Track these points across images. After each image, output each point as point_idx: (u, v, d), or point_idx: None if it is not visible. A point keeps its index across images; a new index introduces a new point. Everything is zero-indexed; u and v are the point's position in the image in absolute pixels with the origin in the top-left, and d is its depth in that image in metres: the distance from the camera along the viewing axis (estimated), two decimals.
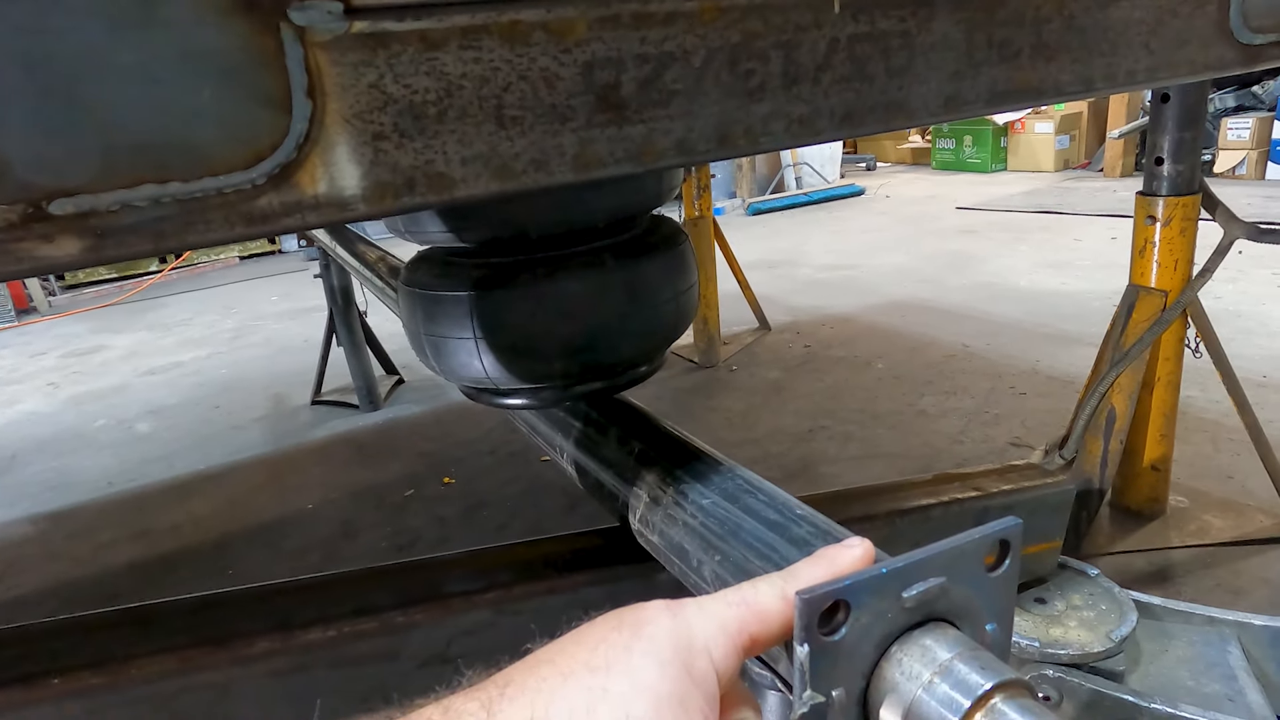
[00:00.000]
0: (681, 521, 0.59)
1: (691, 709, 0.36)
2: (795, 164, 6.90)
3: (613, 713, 0.34)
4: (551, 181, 0.58)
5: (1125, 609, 0.95)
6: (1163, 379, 1.59)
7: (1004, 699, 0.41)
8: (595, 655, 0.36)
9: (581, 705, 0.34)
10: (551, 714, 0.34)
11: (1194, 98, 1.42)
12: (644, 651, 0.36)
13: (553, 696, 0.34)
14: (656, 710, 0.34)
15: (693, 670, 0.37)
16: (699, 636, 0.38)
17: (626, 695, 0.34)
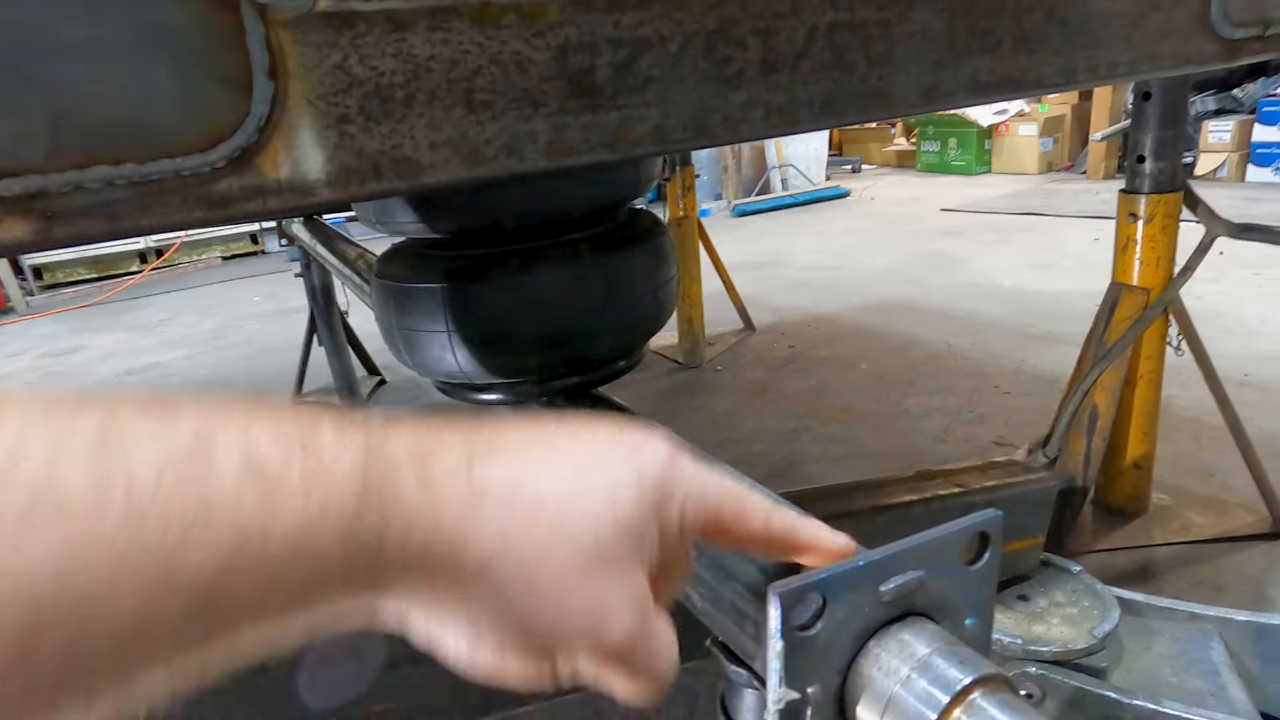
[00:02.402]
0: None
1: (644, 546, 0.34)
2: (781, 166, 6.91)
3: (582, 518, 0.32)
4: (523, 168, 0.57)
5: (1108, 605, 0.94)
6: (1145, 377, 1.59)
7: (983, 694, 0.40)
8: (588, 455, 0.34)
9: (556, 494, 0.32)
10: (527, 486, 0.31)
11: (1175, 96, 1.42)
12: (633, 472, 0.34)
13: (536, 474, 0.32)
14: (616, 532, 0.33)
15: (662, 513, 0.35)
16: (682, 487, 0.36)
17: (600, 505, 0.33)
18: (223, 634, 0.25)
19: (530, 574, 0.31)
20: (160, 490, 0.23)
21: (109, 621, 0.21)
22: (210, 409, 0.26)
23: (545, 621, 0.32)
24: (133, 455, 0.22)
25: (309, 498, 0.26)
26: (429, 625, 0.31)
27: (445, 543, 0.29)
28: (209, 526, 0.23)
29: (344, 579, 0.27)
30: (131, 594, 0.22)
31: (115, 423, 0.23)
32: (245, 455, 0.25)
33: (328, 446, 0.27)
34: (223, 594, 0.24)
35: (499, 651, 0.32)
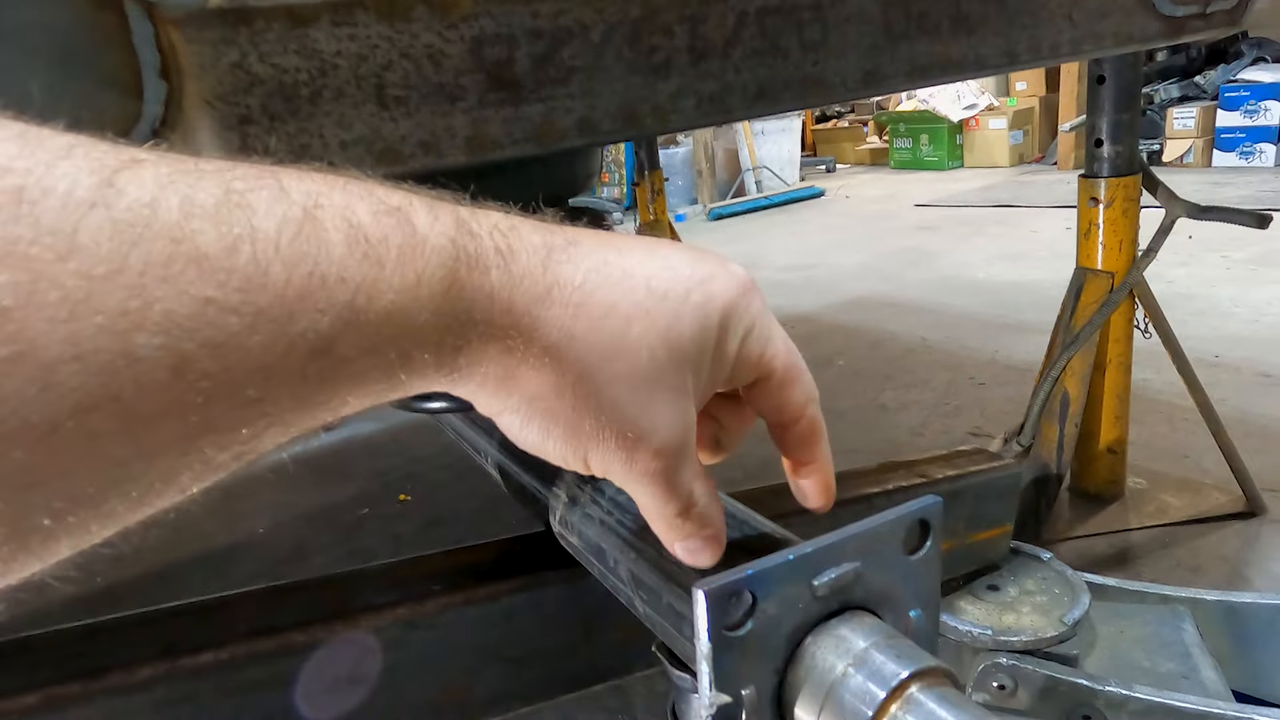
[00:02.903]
0: (598, 520, 0.56)
1: (699, 372, 0.36)
2: (755, 168, 6.93)
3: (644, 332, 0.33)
4: (443, 164, 0.55)
5: (1078, 592, 0.93)
6: (1114, 361, 1.59)
7: (921, 688, 0.38)
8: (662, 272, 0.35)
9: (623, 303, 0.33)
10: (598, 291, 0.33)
11: (1129, 79, 1.42)
12: (702, 296, 0.35)
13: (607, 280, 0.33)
14: (670, 352, 0.34)
15: (720, 345, 0.36)
16: (746, 323, 0.37)
17: (662, 323, 0.34)
18: (330, 393, 0.27)
19: (585, 372, 0.32)
20: (280, 246, 0.24)
21: (244, 359, 0.23)
22: (316, 180, 0.27)
23: (591, 417, 0.33)
24: (254, 213, 0.24)
25: (405, 270, 0.27)
26: (492, 400, 0.33)
27: (517, 326, 0.31)
28: (323, 285, 0.25)
29: (434, 348, 0.29)
30: (260, 334, 0.23)
31: (235, 185, 0.24)
32: (350, 226, 0.26)
33: (421, 225, 0.28)
34: (333, 352, 0.26)
35: (544, 434, 0.34)
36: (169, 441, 0.23)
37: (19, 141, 0.21)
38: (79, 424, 0.20)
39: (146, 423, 0.22)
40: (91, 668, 0.51)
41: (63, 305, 0.20)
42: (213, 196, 0.23)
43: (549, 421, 0.34)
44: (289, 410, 0.26)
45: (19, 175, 0.20)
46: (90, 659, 0.52)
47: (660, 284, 0.34)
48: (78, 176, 0.21)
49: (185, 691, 0.52)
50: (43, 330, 0.19)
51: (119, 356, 0.21)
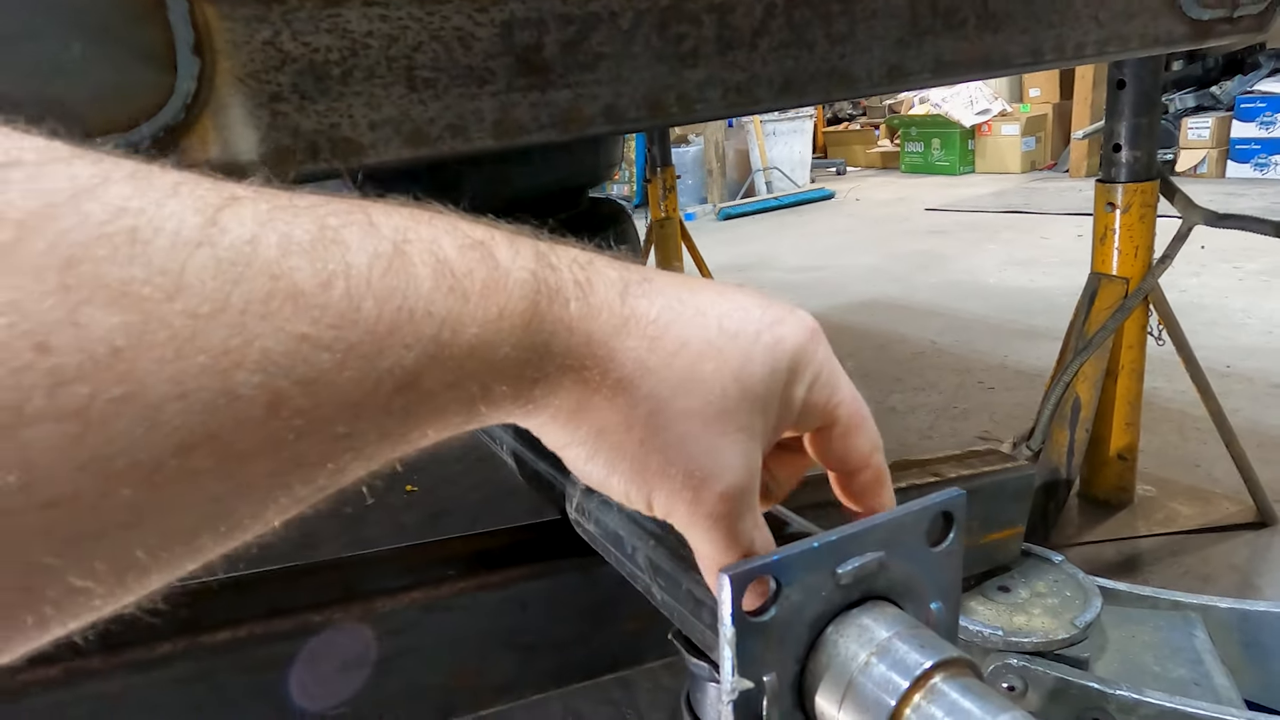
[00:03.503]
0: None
1: (767, 415, 0.36)
2: (765, 169, 6.92)
3: (716, 369, 0.33)
4: (470, 148, 0.55)
5: (1090, 595, 0.92)
6: (1126, 367, 1.58)
7: (944, 678, 0.38)
8: (734, 313, 0.35)
9: (697, 340, 0.33)
10: (672, 328, 0.33)
11: (1149, 83, 1.42)
12: (773, 338, 0.35)
13: (682, 317, 0.34)
14: (741, 393, 0.34)
15: (788, 389, 0.37)
16: (813, 369, 0.38)
17: (734, 363, 0.34)
18: (412, 426, 0.27)
19: (657, 406, 0.33)
20: (371, 281, 0.24)
21: (334, 395, 0.24)
22: (402, 216, 0.27)
23: (658, 454, 0.33)
24: (348, 249, 0.24)
25: (488, 304, 0.28)
26: (561, 432, 0.34)
27: (594, 357, 0.31)
28: (411, 320, 0.25)
29: (513, 380, 0.29)
30: (350, 370, 0.24)
31: (329, 221, 0.25)
32: (437, 260, 0.27)
33: (503, 258, 0.29)
34: (419, 386, 0.26)
35: (610, 469, 0.34)
36: (260, 477, 0.23)
37: (131, 182, 0.21)
38: (181, 462, 0.21)
39: (241, 459, 0.22)
40: (111, 643, 0.51)
41: (170, 345, 0.20)
42: (308, 233, 0.24)
43: (615, 456, 0.34)
44: (373, 444, 0.26)
45: (133, 216, 0.20)
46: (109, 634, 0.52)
47: (732, 323, 0.35)
48: (184, 216, 0.21)
49: (203, 668, 0.52)
50: (151, 370, 0.20)
51: (220, 395, 0.21)
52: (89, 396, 0.19)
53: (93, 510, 0.20)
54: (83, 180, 0.20)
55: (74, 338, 0.19)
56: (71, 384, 0.19)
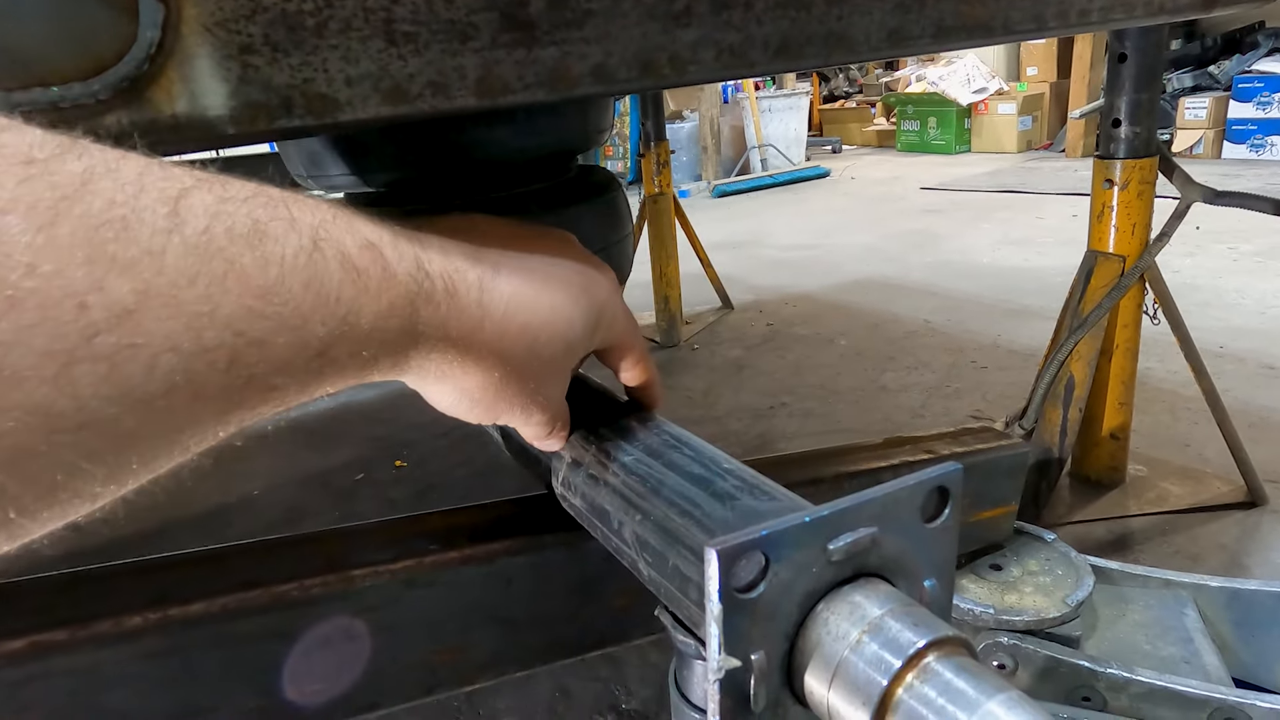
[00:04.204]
0: (603, 481, 0.55)
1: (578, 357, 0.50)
2: (761, 146, 6.87)
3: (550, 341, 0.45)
4: (452, 107, 0.53)
5: (1082, 573, 0.92)
6: (1121, 346, 1.57)
7: (938, 657, 0.37)
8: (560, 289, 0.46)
9: (536, 323, 0.44)
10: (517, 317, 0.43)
11: (1151, 58, 1.39)
12: (587, 304, 0.47)
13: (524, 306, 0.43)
14: (567, 352, 0.47)
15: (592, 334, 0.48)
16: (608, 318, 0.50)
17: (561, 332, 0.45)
18: (321, 381, 0.34)
19: (507, 374, 0.43)
20: (296, 269, 0.30)
21: (273, 354, 0.30)
22: (315, 214, 0.33)
23: (505, 401, 0.45)
24: (276, 241, 0.30)
25: (380, 298, 0.34)
26: (426, 385, 0.43)
27: (455, 347, 0.40)
28: (325, 303, 0.31)
29: (394, 354, 0.37)
30: (283, 337, 0.30)
31: (259, 215, 0.30)
32: (343, 257, 0.33)
33: (391, 259, 0.35)
34: (328, 354, 0.32)
35: (468, 410, 0.44)
36: (213, 414, 0.29)
37: (111, 177, 0.25)
38: (167, 400, 0.26)
39: (205, 400, 0.28)
40: (78, 616, 0.49)
41: (164, 309, 0.26)
42: (245, 225, 0.29)
43: (472, 403, 0.44)
44: (293, 393, 0.33)
45: (120, 207, 0.25)
46: (77, 607, 0.50)
47: (559, 301, 0.45)
48: (155, 208, 0.26)
49: (174, 643, 0.51)
50: (152, 328, 0.25)
51: (197, 350, 0.27)
52: (114, 345, 0.24)
53: (108, 431, 0.25)
54: (81, 175, 0.24)
55: (102, 299, 0.24)
56: (102, 335, 0.24)
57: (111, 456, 0.26)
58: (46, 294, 0.23)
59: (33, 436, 0.23)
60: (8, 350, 0.22)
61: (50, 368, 0.23)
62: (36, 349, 0.23)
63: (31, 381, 0.23)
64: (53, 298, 0.23)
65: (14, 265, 0.22)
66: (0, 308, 0.22)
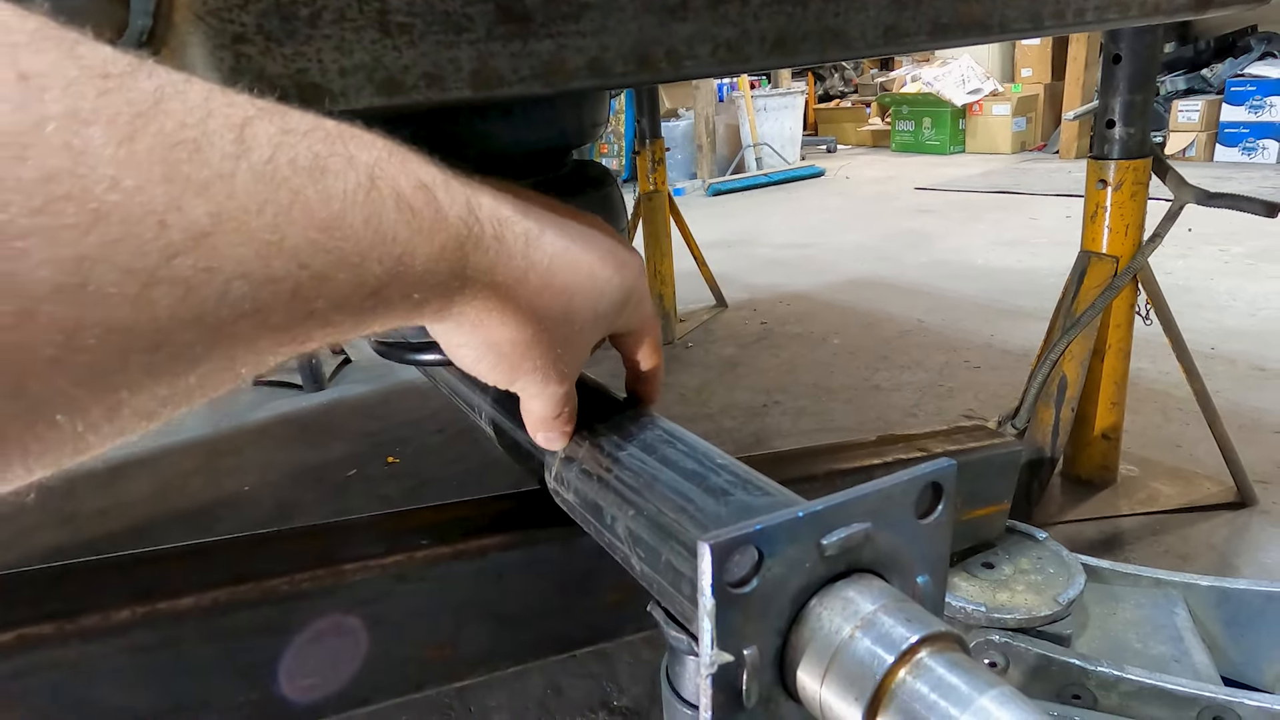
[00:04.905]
0: (596, 476, 0.55)
1: (602, 333, 0.49)
2: (756, 145, 6.87)
3: (583, 307, 0.45)
4: (446, 98, 0.52)
5: (1073, 572, 0.92)
6: (1114, 346, 1.58)
7: (930, 653, 0.36)
8: (597, 264, 0.46)
9: (573, 287, 0.44)
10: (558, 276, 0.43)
11: (1145, 59, 1.40)
12: (620, 282, 0.47)
13: (565, 268, 0.43)
14: (596, 324, 0.47)
15: (616, 314, 0.48)
16: (633, 302, 0.50)
17: (593, 303, 0.46)
18: (371, 320, 0.33)
19: (539, 332, 0.43)
20: (356, 204, 0.30)
21: (333, 289, 0.30)
22: (372, 151, 0.32)
23: (531, 361, 0.44)
24: (336, 177, 0.29)
25: (433, 240, 0.34)
26: (458, 335, 0.42)
27: (498, 296, 0.40)
28: (382, 242, 0.31)
29: (441, 298, 0.37)
30: (343, 273, 0.30)
31: (319, 150, 0.29)
32: (397, 197, 0.32)
33: (443, 200, 0.35)
34: (383, 294, 0.32)
35: (491, 366, 0.44)
36: (273, 342, 0.29)
37: (180, 99, 0.25)
38: (234, 327, 0.27)
39: (267, 330, 0.28)
40: (66, 609, 0.49)
41: (236, 234, 0.25)
42: (307, 158, 0.29)
43: (499, 359, 0.44)
44: (347, 330, 0.33)
45: (191, 129, 0.25)
46: (65, 600, 0.50)
47: (596, 270, 0.45)
48: (222, 132, 0.26)
49: (164, 636, 0.51)
50: (225, 253, 0.25)
51: (265, 279, 0.27)
52: (192, 268, 0.24)
53: (178, 354, 0.26)
54: (153, 94, 0.24)
55: (180, 220, 0.24)
56: (180, 256, 0.24)
57: (177, 378, 0.26)
58: (128, 210, 0.23)
59: (110, 355, 0.23)
60: (93, 266, 0.22)
61: (132, 286, 0.23)
62: (120, 266, 0.22)
63: (114, 300, 0.23)
64: (134, 214, 0.23)
65: (99, 178, 0.22)
66: (86, 221, 0.22)
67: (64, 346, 0.22)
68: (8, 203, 0.20)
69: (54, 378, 0.23)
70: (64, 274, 0.22)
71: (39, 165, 0.21)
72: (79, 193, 0.22)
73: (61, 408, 0.24)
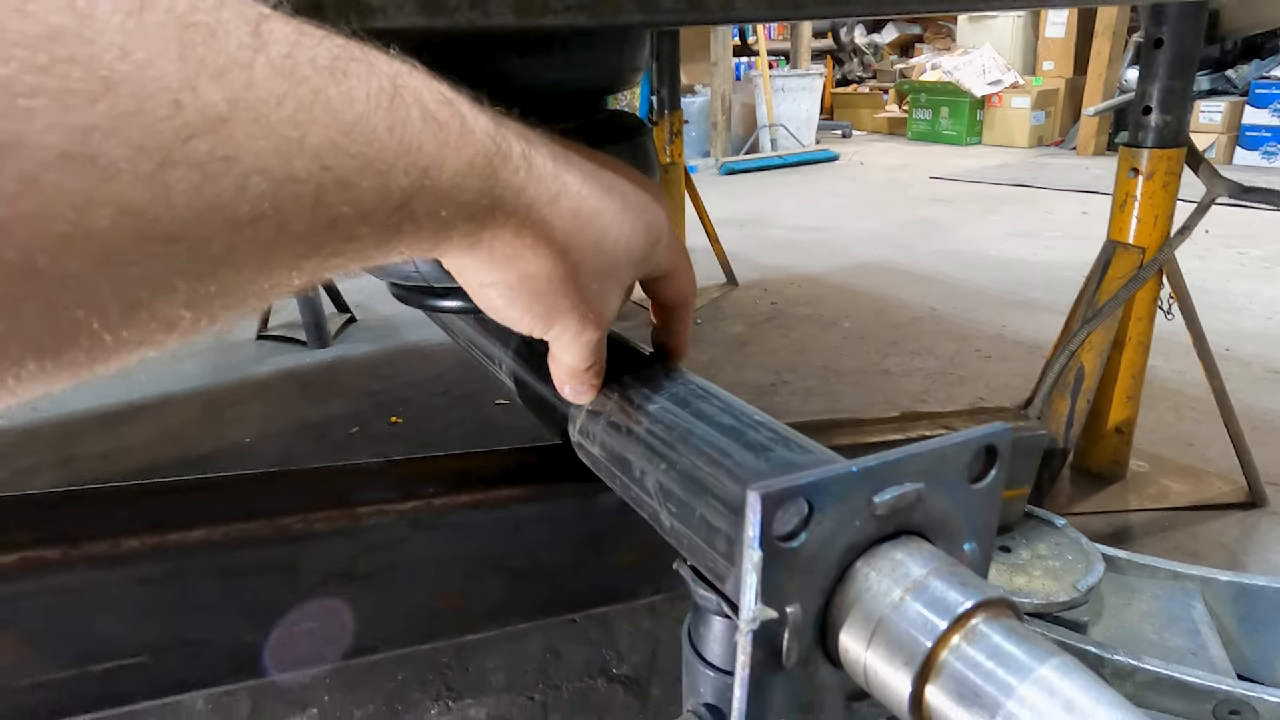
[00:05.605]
0: (625, 428, 0.52)
1: (635, 273, 0.47)
2: (771, 125, 6.80)
3: (614, 244, 0.43)
4: (489, 24, 0.50)
5: (1092, 560, 0.90)
6: (1134, 339, 1.56)
7: (986, 620, 0.35)
8: (627, 199, 0.44)
9: (604, 218, 0.42)
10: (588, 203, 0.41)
11: (1188, 44, 1.36)
12: (647, 221, 0.45)
13: (598, 196, 0.41)
14: (628, 261, 0.44)
15: (647, 254, 0.46)
16: (664, 242, 0.47)
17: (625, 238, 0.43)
18: (397, 240, 0.32)
19: (572, 267, 0.41)
20: (379, 109, 0.29)
21: (357, 197, 0.28)
22: (391, 62, 0.31)
23: (566, 299, 0.42)
24: (358, 80, 0.28)
25: (460, 153, 0.33)
26: (487, 272, 0.40)
27: (530, 218, 0.38)
28: (408, 151, 0.30)
29: (471, 221, 0.35)
30: (368, 180, 0.29)
31: (338, 53, 0.28)
32: (422, 106, 0.31)
33: (469, 115, 0.34)
34: (409, 207, 0.31)
35: (525, 309, 0.42)
36: (296, 254, 0.28)
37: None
38: (254, 228, 0.25)
39: (290, 235, 0.27)
40: (73, 534, 0.47)
41: (255, 124, 0.24)
42: (326, 58, 0.27)
43: (532, 299, 0.41)
44: (370, 248, 0.31)
45: (205, 14, 0.23)
46: (72, 525, 0.48)
47: (629, 201, 0.44)
48: (238, 24, 0.24)
49: (172, 568, 0.49)
50: (243, 143, 0.24)
51: (285, 178, 0.25)
52: (208, 153, 0.23)
53: (197, 252, 0.24)
54: None
55: (195, 101, 0.23)
56: (196, 138, 0.23)
57: (195, 281, 0.25)
58: (140, 83, 0.21)
59: (125, 239, 0.22)
60: (105, 137, 0.21)
61: (146, 165, 0.22)
62: (133, 141, 0.22)
63: (127, 176, 0.22)
64: (147, 89, 0.22)
65: (106, 44, 0.21)
66: (95, 89, 0.21)
67: (75, 224, 0.21)
68: (9, 57, 0.19)
69: (66, 258, 0.21)
70: (72, 142, 0.20)
71: (41, 20, 0.20)
72: (86, 57, 0.20)
73: (78, 297, 0.22)
